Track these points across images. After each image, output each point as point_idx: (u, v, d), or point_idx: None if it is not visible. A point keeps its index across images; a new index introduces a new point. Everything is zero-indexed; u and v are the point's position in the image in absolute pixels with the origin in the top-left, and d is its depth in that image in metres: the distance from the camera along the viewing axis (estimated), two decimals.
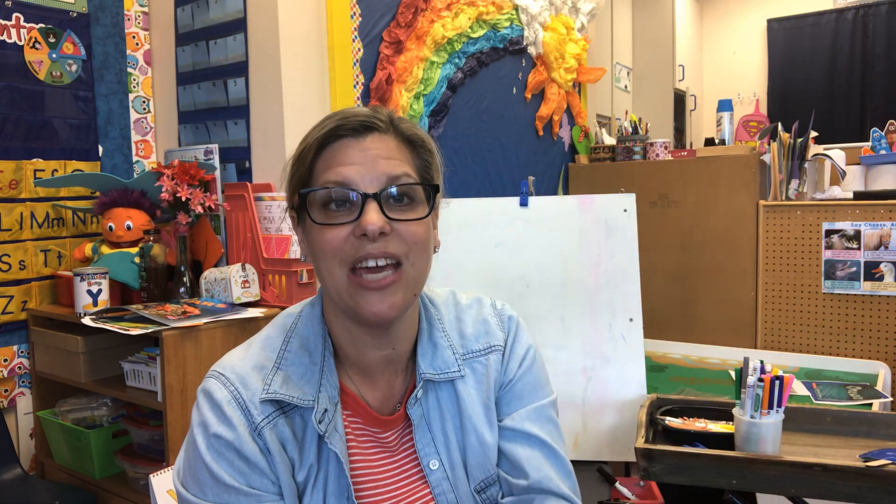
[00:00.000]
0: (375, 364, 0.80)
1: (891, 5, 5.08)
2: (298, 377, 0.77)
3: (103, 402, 1.69)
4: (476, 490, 0.82)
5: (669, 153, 2.97)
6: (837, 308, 2.49)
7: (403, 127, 0.78)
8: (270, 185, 1.83)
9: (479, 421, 0.83)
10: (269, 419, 0.75)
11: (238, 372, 0.77)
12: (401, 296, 0.74)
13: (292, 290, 1.67)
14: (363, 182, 0.72)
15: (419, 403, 0.81)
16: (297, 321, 0.82)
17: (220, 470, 0.73)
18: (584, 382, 1.89)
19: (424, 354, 0.82)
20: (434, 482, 0.80)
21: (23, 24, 1.78)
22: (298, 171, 0.77)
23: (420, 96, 2.25)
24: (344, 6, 1.95)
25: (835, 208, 2.47)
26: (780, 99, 5.52)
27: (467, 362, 0.84)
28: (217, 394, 0.76)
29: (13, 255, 1.76)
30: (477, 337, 0.86)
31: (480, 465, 0.82)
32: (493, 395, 0.85)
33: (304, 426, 0.77)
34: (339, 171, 0.73)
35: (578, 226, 1.96)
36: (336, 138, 0.74)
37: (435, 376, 0.81)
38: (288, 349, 0.79)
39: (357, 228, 0.71)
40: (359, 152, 0.73)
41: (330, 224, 0.72)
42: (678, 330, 2.75)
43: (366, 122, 0.75)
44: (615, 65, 3.97)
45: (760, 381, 1.37)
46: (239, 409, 0.75)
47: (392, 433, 0.81)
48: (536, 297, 1.93)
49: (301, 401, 0.76)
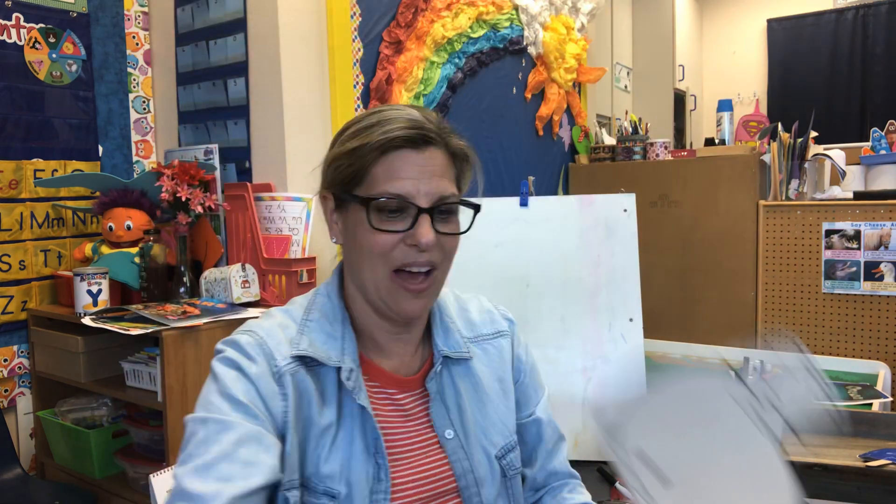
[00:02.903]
0: (389, 343, 0.87)
1: (891, 5, 5.08)
2: (321, 342, 0.82)
3: (103, 402, 1.69)
4: (497, 456, 0.89)
5: (669, 153, 2.97)
6: (837, 308, 2.49)
7: (452, 143, 0.84)
8: (270, 185, 1.83)
9: (495, 394, 0.92)
10: (292, 366, 0.79)
11: (263, 327, 0.82)
12: (430, 299, 0.85)
13: (292, 290, 1.67)
14: (418, 196, 0.79)
15: (436, 378, 0.88)
16: (314, 297, 0.88)
17: (233, 387, 0.75)
18: (584, 382, 1.89)
19: (439, 335, 0.90)
20: (450, 450, 0.86)
21: (23, 24, 1.78)
22: (353, 166, 0.81)
23: (420, 96, 2.25)
24: (344, 6, 1.95)
25: (835, 208, 2.47)
26: (780, 99, 5.52)
27: (477, 344, 0.94)
28: (242, 340, 0.80)
29: (13, 255, 1.76)
30: (484, 323, 0.97)
31: (500, 433, 0.90)
32: (510, 371, 0.96)
33: (325, 386, 0.80)
34: (398, 185, 0.79)
35: (578, 226, 1.96)
36: (396, 148, 0.80)
37: (451, 354, 0.89)
38: (309, 318, 0.84)
39: (409, 238, 0.79)
40: (416, 167, 0.80)
41: (385, 230, 0.79)
42: (678, 330, 2.74)
43: (426, 136, 0.81)
44: (615, 65, 3.97)
45: None
46: (262, 353, 0.78)
47: (409, 396, 0.86)
48: (536, 297, 1.93)
49: (328, 360, 0.80)
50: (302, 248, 1.75)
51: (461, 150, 0.85)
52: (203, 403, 0.76)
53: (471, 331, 0.95)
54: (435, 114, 0.86)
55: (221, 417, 0.73)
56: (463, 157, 0.86)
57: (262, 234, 1.76)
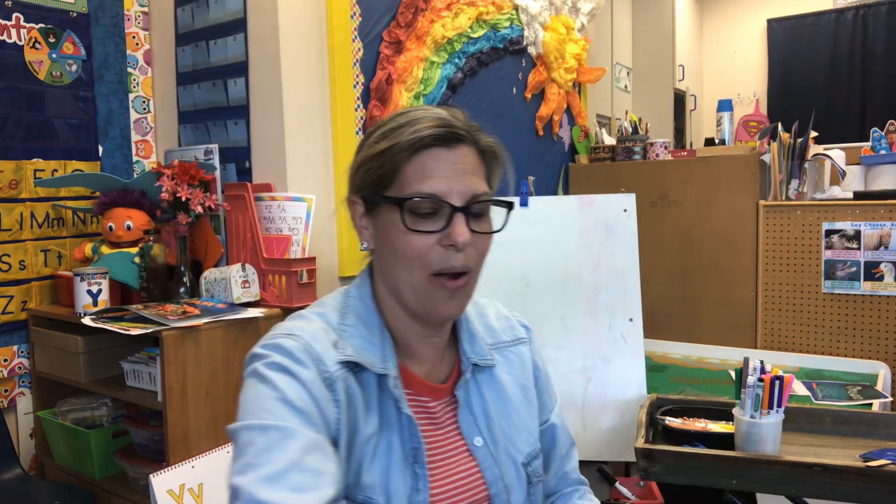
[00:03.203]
0: (421, 347, 0.86)
1: (891, 5, 5.08)
2: (361, 348, 0.80)
3: (103, 402, 1.69)
4: (523, 463, 0.88)
5: (669, 153, 2.97)
6: (837, 308, 2.49)
7: (483, 141, 0.83)
8: (270, 185, 1.83)
9: (518, 401, 0.92)
10: (341, 371, 0.76)
11: (306, 330, 0.78)
12: (466, 299, 0.83)
13: (292, 290, 1.67)
14: (451, 194, 0.78)
15: (464, 386, 0.87)
16: (346, 300, 0.86)
17: (289, 393, 0.71)
18: (584, 382, 1.89)
19: (466, 341, 0.90)
20: (480, 457, 0.84)
21: (23, 24, 1.78)
22: (383, 168, 0.80)
23: (420, 96, 2.25)
24: (344, 6, 1.95)
25: (835, 208, 2.47)
26: (780, 99, 5.52)
27: (498, 351, 0.93)
28: (288, 344, 0.76)
29: (13, 255, 1.76)
30: (503, 330, 0.96)
31: (525, 440, 0.90)
32: (532, 378, 0.95)
33: (369, 393, 0.79)
34: (431, 184, 0.77)
35: (578, 226, 1.96)
36: (427, 147, 0.78)
37: (480, 361, 0.89)
38: (346, 323, 0.82)
39: (445, 238, 0.77)
40: (449, 165, 0.78)
41: (420, 231, 0.77)
42: (678, 330, 2.75)
43: (456, 134, 0.80)
44: (615, 65, 3.97)
45: (760, 381, 1.37)
46: (311, 358, 0.75)
47: (439, 404, 0.85)
48: (536, 297, 1.93)
49: (372, 366, 0.79)
50: (302, 248, 1.75)
51: (490, 148, 0.84)
52: (255, 410, 0.71)
53: (491, 337, 0.94)
54: (462, 112, 0.84)
55: (282, 424, 0.68)
56: (492, 155, 0.85)
57: (262, 234, 1.76)
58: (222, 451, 1.42)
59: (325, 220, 1.93)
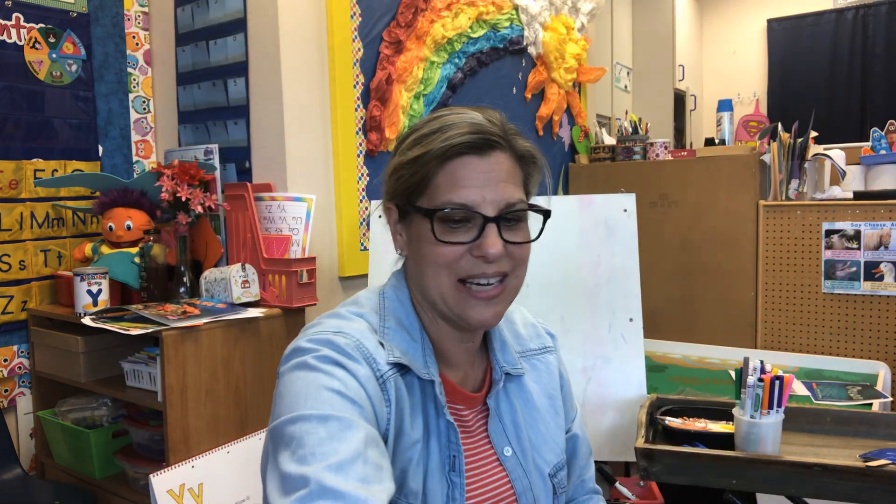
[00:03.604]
0: (456, 353, 0.84)
1: (891, 5, 5.08)
2: (404, 351, 0.78)
3: (103, 402, 1.69)
4: (550, 474, 0.88)
5: (669, 153, 2.97)
6: (837, 308, 2.49)
7: (518, 145, 0.81)
8: (270, 185, 1.83)
9: (546, 411, 0.91)
10: (393, 372, 0.75)
11: (354, 328, 0.77)
12: (504, 305, 0.81)
13: (292, 290, 1.67)
14: (483, 204, 0.76)
15: (495, 395, 0.86)
16: (383, 301, 0.83)
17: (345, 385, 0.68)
18: (584, 382, 1.89)
19: (498, 348, 0.88)
20: (510, 467, 0.84)
21: (23, 24, 1.78)
22: (415, 176, 0.78)
23: (420, 96, 2.25)
24: (344, 6, 1.95)
25: (835, 208, 2.47)
26: (780, 99, 5.52)
27: (526, 359, 0.92)
28: (339, 340, 0.74)
29: (13, 255, 1.76)
30: (531, 337, 0.95)
31: (552, 450, 0.89)
32: (558, 388, 0.95)
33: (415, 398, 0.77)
34: (462, 194, 0.75)
35: (578, 226, 1.96)
36: (459, 154, 0.76)
37: (512, 370, 0.88)
38: (387, 325, 0.80)
39: (476, 249, 0.76)
40: (481, 174, 0.76)
41: (450, 242, 0.76)
42: (678, 330, 2.75)
43: (490, 141, 0.77)
44: (615, 65, 3.97)
45: (760, 381, 1.37)
46: (363, 356, 0.74)
47: (471, 412, 0.84)
48: (536, 297, 1.93)
49: (419, 371, 0.77)
50: (302, 248, 1.75)
51: (528, 152, 0.82)
52: (310, 401, 0.66)
53: (519, 345, 0.93)
54: (498, 114, 0.82)
55: (342, 415, 0.65)
56: (530, 160, 0.82)
57: (262, 234, 1.76)
58: (222, 450, 1.42)
59: (325, 220, 1.93)
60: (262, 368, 1.60)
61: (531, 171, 0.83)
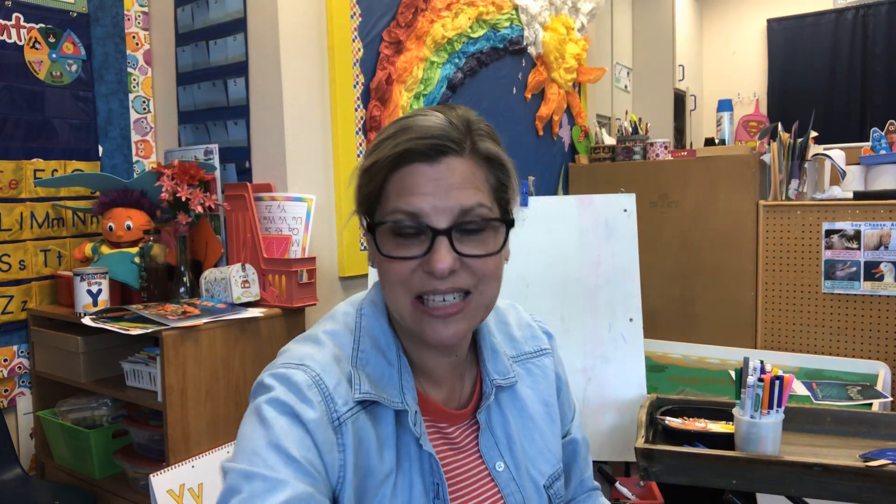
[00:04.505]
0: (439, 368, 0.80)
1: (891, 5, 5.08)
2: (378, 378, 0.74)
3: (103, 402, 1.69)
4: (545, 486, 0.84)
5: (669, 153, 2.97)
6: (837, 308, 2.49)
7: (482, 146, 0.73)
8: (270, 185, 1.83)
9: (541, 419, 0.86)
10: (353, 412, 0.70)
11: (318, 360, 0.72)
12: (466, 324, 0.73)
13: (292, 290, 1.67)
14: (434, 213, 0.69)
15: (486, 409, 0.81)
16: (360, 320, 0.78)
17: (286, 438, 0.65)
18: (584, 382, 1.89)
19: (489, 360, 0.83)
20: (502, 483, 0.80)
21: (23, 24, 1.78)
22: (368, 188, 0.74)
23: (420, 96, 2.25)
24: (344, 6, 1.95)
25: (835, 208, 2.47)
26: (780, 99, 5.52)
27: (520, 364, 0.87)
28: (296, 376, 0.70)
29: (13, 255, 1.76)
30: (525, 339, 0.90)
31: (547, 461, 0.85)
32: (555, 393, 0.90)
33: (383, 428, 0.73)
34: (409, 202, 0.69)
35: (578, 226, 1.96)
36: (407, 162, 0.70)
37: (503, 381, 0.82)
38: (361, 348, 0.76)
39: (426, 264, 0.69)
40: (430, 182, 0.70)
41: (397, 258, 0.70)
42: (678, 330, 2.75)
43: (439, 146, 0.70)
44: (615, 65, 3.97)
45: (760, 381, 1.37)
46: (321, 395, 0.69)
47: (458, 429, 0.80)
48: (536, 297, 1.93)
49: (391, 403, 0.73)
50: (302, 248, 1.75)
51: (495, 155, 0.74)
52: (248, 453, 0.65)
53: (513, 348, 0.88)
54: (470, 115, 0.74)
55: (270, 475, 0.63)
56: (498, 164, 0.75)
57: (262, 234, 1.76)
58: (222, 451, 1.42)
59: (325, 220, 1.93)
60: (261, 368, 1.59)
61: (500, 175, 0.75)
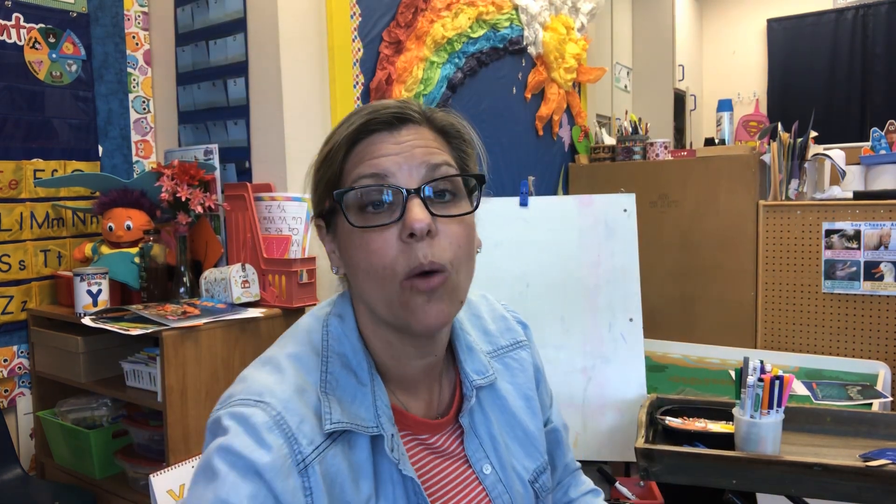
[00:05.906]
0: (417, 374, 0.76)
1: (891, 5, 5.08)
2: (350, 401, 0.69)
3: (103, 403, 1.69)
4: (530, 481, 0.82)
5: (669, 153, 2.97)
6: (837, 308, 2.49)
7: (437, 117, 0.71)
8: (270, 185, 1.83)
9: (523, 414, 0.84)
10: (320, 451, 0.64)
11: (278, 396, 0.65)
12: (449, 302, 0.68)
13: (292, 290, 1.67)
14: (401, 173, 0.66)
15: (468, 412, 0.79)
16: (326, 337, 0.73)
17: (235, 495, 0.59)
18: (584, 382, 1.89)
19: (466, 359, 0.80)
20: (489, 486, 0.78)
21: (23, 24, 1.78)
22: (326, 175, 0.70)
23: (420, 96, 2.25)
24: (344, 6, 1.95)
25: (835, 208, 2.47)
26: (780, 99, 5.52)
27: (497, 359, 0.85)
28: (254, 417, 0.63)
29: (13, 255, 1.76)
30: (501, 332, 0.88)
31: (530, 455, 0.83)
32: (534, 385, 0.87)
33: (358, 455, 0.68)
34: (373, 164, 0.66)
35: (578, 226, 1.96)
36: (367, 133, 0.68)
37: (482, 381, 0.80)
38: (329, 371, 0.70)
39: (403, 229, 0.64)
40: (393, 145, 0.67)
41: (371, 227, 0.65)
42: (678, 330, 2.75)
43: (398, 114, 0.68)
44: (615, 65, 3.97)
45: (760, 381, 1.37)
46: (283, 437, 0.63)
47: (439, 437, 0.77)
48: (536, 297, 1.93)
49: (364, 429, 0.68)
50: (302, 248, 1.75)
51: (451, 126, 0.72)
52: None
53: (489, 343, 0.85)
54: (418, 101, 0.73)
55: None
56: (455, 135, 0.72)
57: (262, 234, 1.76)
58: None
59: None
60: None
61: (463, 148, 0.73)
